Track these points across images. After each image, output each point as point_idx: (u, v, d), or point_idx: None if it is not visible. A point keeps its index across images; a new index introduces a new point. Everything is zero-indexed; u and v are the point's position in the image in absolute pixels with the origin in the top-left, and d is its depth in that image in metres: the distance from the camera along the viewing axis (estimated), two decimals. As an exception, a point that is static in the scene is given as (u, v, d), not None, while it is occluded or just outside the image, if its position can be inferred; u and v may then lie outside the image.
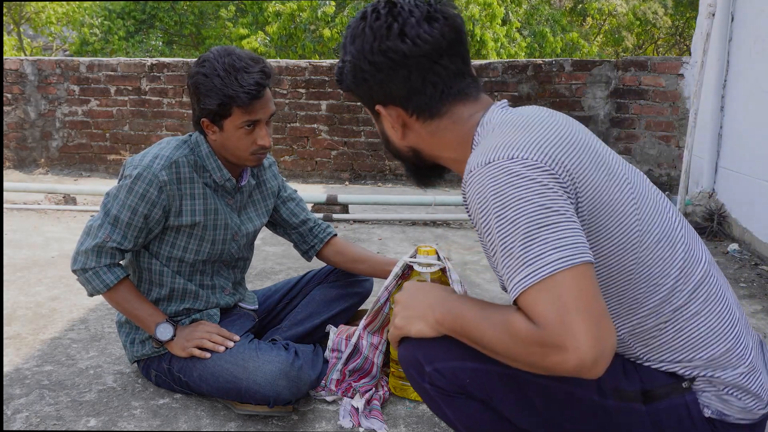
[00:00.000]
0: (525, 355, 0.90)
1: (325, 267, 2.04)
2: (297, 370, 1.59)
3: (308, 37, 12.15)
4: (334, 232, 1.98)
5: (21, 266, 2.98)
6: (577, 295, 0.86)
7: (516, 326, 0.90)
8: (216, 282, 1.80)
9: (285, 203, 1.93)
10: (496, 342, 0.95)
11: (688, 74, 4.96)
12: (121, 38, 14.18)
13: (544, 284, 0.87)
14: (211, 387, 1.63)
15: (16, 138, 6.17)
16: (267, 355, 1.60)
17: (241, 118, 1.60)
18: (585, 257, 0.88)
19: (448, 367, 1.10)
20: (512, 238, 0.90)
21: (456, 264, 3.08)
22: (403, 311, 1.14)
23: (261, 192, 1.87)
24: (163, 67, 5.94)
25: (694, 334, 1.05)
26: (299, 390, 1.60)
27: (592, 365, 0.85)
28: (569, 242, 0.89)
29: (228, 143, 1.66)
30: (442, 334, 1.08)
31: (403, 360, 1.16)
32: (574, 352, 0.84)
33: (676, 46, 16.58)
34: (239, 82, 1.56)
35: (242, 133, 1.63)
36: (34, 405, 1.67)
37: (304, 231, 1.95)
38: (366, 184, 5.80)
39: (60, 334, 2.17)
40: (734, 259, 3.28)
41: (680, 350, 1.06)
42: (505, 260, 0.91)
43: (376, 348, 1.79)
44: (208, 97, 1.58)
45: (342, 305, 1.95)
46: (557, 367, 0.87)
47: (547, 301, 0.87)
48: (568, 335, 0.85)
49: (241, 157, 1.68)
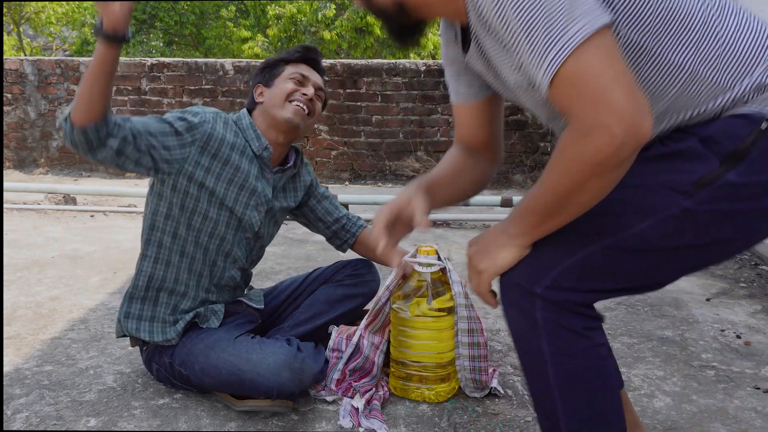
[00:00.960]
0: (584, 157, 0.88)
1: (330, 266, 2.04)
2: (300, 362, 1.59)
3: (308, 39, 12.17)
4: (364, 225, 2.05)
5: (21, 266, 2.98)
6: (601, 64, 0.86)
7: (565, 145, 0.90)
8: (235, 251, 1.79)
9: (320, 202, 2.00)
10: (566, 181, 0.92)
11: (688, 74, 4.96)
12: (121, 38, 14.16)
13: (571, 61, 0.86)
14: (213, 380, 1.64)
15: (16, 138, 6.17)
16: (270, 348, 1.61)
17: (291, 70, 1.79)
18: (603, 18, 0.87)
19: (552, 276, 1.03)
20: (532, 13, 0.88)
21: (456, 264, 3.08)
22: (479, 255, 1.12)
23: (295, 183, 1.93)
24: (163, 67, 5.94)
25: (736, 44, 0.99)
26: (302, 382, 1.60)
27: (639, 125, 0.84)
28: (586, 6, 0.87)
29: (273, 92, 1.77)
30: (527, 249, 1.05)
31: (506, 297, 1.09)
32: (617, 117, 0.84)
33: (676, 46, 16.56)
34: (292, 48, 1.86)
35: (290, 82, 1.77)
36: (34, 405, 1.67)
37: (337, 228, 2.02)
38: (366, 184, 5.79)
39: (60, 334, 2.17)
40: (734, 259, 3.28)
41: (726, 65, 0.99)
42: (530, 43, 0.89)
43: (377, 347, 1.79)
44: (266, 61, 1.85)
45: (345, 307, 1.96)
46: (609, 144, 0.85)
47: (577, 82, 0.86)
48: (605, 105, 0.85)
49: (279, 105, 1.75)
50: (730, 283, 2.89)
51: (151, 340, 1.72)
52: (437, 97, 5.70)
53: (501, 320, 2.36)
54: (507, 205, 4.11)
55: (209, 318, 1.75)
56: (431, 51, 11.80)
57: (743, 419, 1.66)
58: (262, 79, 1.82)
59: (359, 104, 5.81)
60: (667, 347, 2.14)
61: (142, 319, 1.73)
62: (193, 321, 1.74)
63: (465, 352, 1.72)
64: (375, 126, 5.84)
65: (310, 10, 12.04)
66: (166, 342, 1.71)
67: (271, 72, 1.82)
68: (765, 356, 2.07)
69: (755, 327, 2.34)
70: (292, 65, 1.81)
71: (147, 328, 1.72)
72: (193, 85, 5.92)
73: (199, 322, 1.74)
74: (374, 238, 1.23)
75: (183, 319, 1.73)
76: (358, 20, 11.28)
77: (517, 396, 1.77)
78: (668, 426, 1.62)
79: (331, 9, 11.70)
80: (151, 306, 1.73)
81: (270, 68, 1.83)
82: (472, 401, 1.74)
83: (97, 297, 2.56)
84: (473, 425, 1.61)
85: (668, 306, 2.56)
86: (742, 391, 1.82)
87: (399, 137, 5.82)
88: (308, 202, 1.98)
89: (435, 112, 5.73)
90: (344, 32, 11.60)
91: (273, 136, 1.78)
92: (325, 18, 11.68)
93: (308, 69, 1.82)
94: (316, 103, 1.81)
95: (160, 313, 1.73)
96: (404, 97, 5.75)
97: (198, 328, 1.73)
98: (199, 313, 1.74)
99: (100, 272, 2.92)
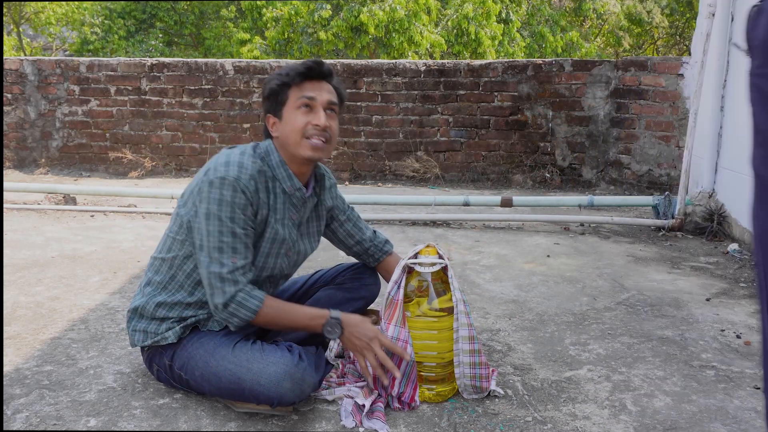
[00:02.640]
0: None
1: (332, 268, 2.04)
2: (301, 372, 1.58)
3: (305, 39, 12.19)
4: (389, 251, 2.00)
5: (21, 266, 2.98)
6: None
7: None
8: (265, 288, 1.79)
9: (342, 225, 1.96)
10: None
11: (688, 74, 4.96)
12: (121, 38, 14.19)
13: None
14: (213, 387, 1.63)
15: (16, 138, 6.16)
16: (271, 357, 1.60)
17: (296, 95, 1.68)
18: None
19: None
20: None
21: (456, 264, 3.08)
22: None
23: (317, 212, 1.88)
24: (163, 67, 5.94)
25: None
26: (303, 392, 1.60)
27: None
28: None
29: (286, 130, 1.69)
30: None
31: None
32: None
33: (676, 46, 16.57)
34: (291, 66, 1.71)
35: (299, 113, 1.67)
36: (34, 405, 1.67)
37: (359, 251, 1.98)
38: (366, 184, 5.79)
39: (60, 334, 2.17)
40: (734, 259, 3.28)
41: None
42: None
43: (406, 342, 1.70)
44: (269, 87, 1.71)
45: (347, 310, 1.94)
46: None
47: None
48: None
49: (296, 144, 1.67)
50: (730, 283, 2.89)
51: (146, 341, 1.72)
52: (437, 97, 5.70)
53: (501, 320, 2.36)
54: (507, 205, 4.11)
55: (210, 322, 1.74)
56: (428, 49, 11.80)
57: (743, 419, 1.66)
58: (271, 109, 1.73)
59: (359, 104, 5.82)
60: (667, 347, 2.13)
61: (148, 332, 1.73)
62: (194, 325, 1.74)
63: (467, 359, 1.71)
64: (375, 126, 5.84)
65: (306, 12, 12.07)
66: (162, 340, 1.70)
67: (276, 100, 1.71)
68: (765, 356, 2.07)
69: (755, 327, 2.33)
70: (295, 88, 1.69)
71: (145, 335, 1.73)
72: (193, 85, 5.92)
73: (200, 326, 1.73)
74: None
75: (184, 323, 1.72)
76: (352, 19, 11.29)
77: (517, 396, 1.77)
78: (668, 426, 1.62)
79: (327, 10, 11.72)
80: (157, 323, 1.73)
81: (275, 95, 1.71)
82: (472, 401, 1.74)
83: (97, 297, 2.56)
84: (473, 425, 1.61)
85: (668, 306, 2.56)
86: (742, 391, 1.82)
87: (399, 137, 5.82)
88: (330, 225, 1.96)
89: (435, 112, 5.73)
90: (340, 32, 11.62)
91: (296, 168, 1.73)
92: (321, 19, 11.70)
93: (313, 86, 1.70)
94: (332, 123, 1.72)
95: (166, 322, 1.72)
96: (404, 97, 5.75)
97: (198, 330, 1.73)
98: (200, 319, 1.73)
99: (100, 272, 2.92)
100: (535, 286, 2.81)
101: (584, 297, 2.66)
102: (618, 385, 1.85)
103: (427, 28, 11.72)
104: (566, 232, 3.91)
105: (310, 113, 1.68)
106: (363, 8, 11.21)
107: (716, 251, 3.45)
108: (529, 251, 3.42)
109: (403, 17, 11.24)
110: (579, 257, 3.31)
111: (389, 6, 11.20)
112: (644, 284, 2.84)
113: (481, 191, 5.38)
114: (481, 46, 11.78)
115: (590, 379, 1.88)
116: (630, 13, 15.17)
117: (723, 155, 3.89)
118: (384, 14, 11.10)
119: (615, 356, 2.05)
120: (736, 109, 3.71)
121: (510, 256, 3.29)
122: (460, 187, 5.54)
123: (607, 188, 5.44)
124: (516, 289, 2.75)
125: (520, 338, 2.19)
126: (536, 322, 2.35)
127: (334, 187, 1.95)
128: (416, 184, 5.74)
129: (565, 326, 2.31)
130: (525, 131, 5.63)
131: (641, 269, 3.09)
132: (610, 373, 1.93)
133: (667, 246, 3.58)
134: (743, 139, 3.59)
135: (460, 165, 5.78)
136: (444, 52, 12.22)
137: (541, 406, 1.72)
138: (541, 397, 1.77)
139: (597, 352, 2.08)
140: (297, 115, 1.68)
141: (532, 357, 2.04)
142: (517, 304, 2.56)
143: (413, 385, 1.69)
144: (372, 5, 11.27)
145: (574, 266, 3.13)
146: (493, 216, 4.06)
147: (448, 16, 12.40)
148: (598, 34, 17.09)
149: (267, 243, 1.71)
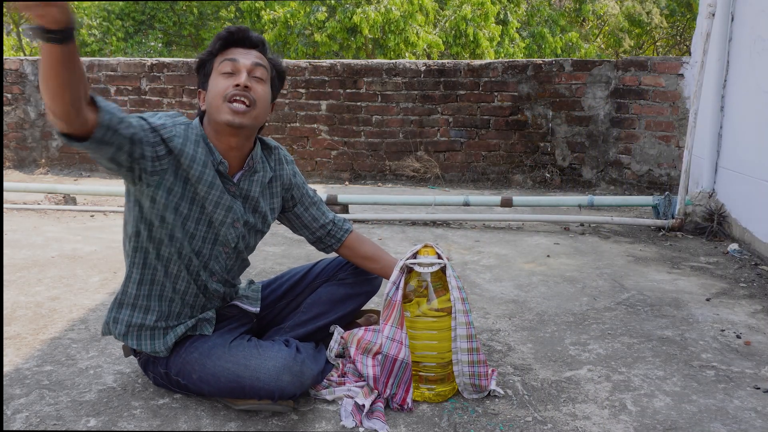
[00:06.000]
0: None
1: (333, 261, 2.00)
2: (300, 365, 1.58)
3: (302, 41, 12.21)
4: (351, 229, 1.95)
5: (21, 266, 2.98)
6: None
7: None
8: (212, 265, 1.72)
9: (308, 209, 1.91)
10: None
11: (688, 74, 4.96)
12: (119, 39, 14.18)
13: None
14: (212, 387, 1.63)
15: (16, 138, 6.16)
16: (268, 352, 1.60)
17: (219, 61, 1.63)
18: None
19: None
20: None
21: (456, 264, 3.08)
22: None
23: (271, 188, 1.81)
24: (163, 67, 5.94)
25: None
26: (302, 384, 1.60)
27: None
28: None
29: (209, 98, 1.62)
30: None
31: None
32: None
33: (676, 47, 16.58)
34: (216, 35, 1.68)
35: (221, 78, 1.61)
36: (34, 405, 1.67)
37: (322, 234, 1.93)
38: (366, 184, 5.79)
39: (60, 334, 2.17)
40: (734, 259, 3.28)
41: None
42: None
43: (401, 343, 1.68)
44: (198, 59, 1.69)
45: (348, 307, 1.93)
46: None
47: None
48: None
49: (217, 109, 1.59)
50: (730, 283, 2.89)
51: (139, 349, 1.68)
52: (437, 97, 5.70)
53: (501, 320, 2.36)
54: (507, 205, 4.11)
55: (202, 327, 1.72)
56: (425, 50, 11.81)
57: (743, 419, 1.66)
58: (200, 83, 1.68)
59: (359, 104, 5.82)
60: (667, 347, 2.13)
61: (132, 326, 1.68)
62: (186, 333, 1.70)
63: (465, 358, 1.71)
64: (375, 126, 5.84)
65: (302, 14, 12.10)
66: (154, 353, 1.68)
67: (204, 72, 1.66)
68: (765, 356, 2.07)
69: (755, 327, 2.34)
70: (220, 56, 1.63)
71: (135, 336, 1.68)
72: (193, 85, 5.92)
73: (190, 333, 1.70)
74: None
75: (174, 332, 1.68)
76: (346, 21, 11.31)
77: (517, 396, 1.77)
78: (668, 426, 1.62)
79: (323, 12, 11.74)
80: (141, 313, 1.68)
81: (203, 68, 1.67)
82: (472, 401, 1.74)
83: (97, 297, 2.56)
84: (473, 425, 1.61)
85: (668, 306, 2.56)
86: (742, 391, 1.82)
87: (399, 137, 5.82)
88: (295, 209, 1.89)
89: (435, 112, 5.73)
90: (335, 34, 11.63)
91: (224, 142, 1.64)
92: (317, 21, 11.72)
93: (238, 51, 1.63)
94: (255, 87, 1.62)
95: (150, 321, 1.67)
96: (404, 97, 5.75)
97: (190, 336, 1.70)
98: (189, 326, 1.70)
99: (100, 272, 2.92)
100: (535, 286, 2.81)
101: (584, 297, 2.66)
102: (618, 385, 1.85)
103: (424, 28, 11.73)
104: (566, 232, 3.91)
105: (232, 77, 1.60)
106: (357, 9, 11.22)
107: (716, 251, 3.45)
108: (529, 251, 3.42)
109: (399, 18, 11.24)
110: (579, 257, 3.31)
111: (384, 7, 11.21)
112: (644, 284, 2.84)
113: (481, 191, 5.38)
114: (480, 47, 11.80)
115: (590, 379, 1.88)
116: (629, 15, 15.18)
117: (723, 155, 3.89)
118: (378, 15, 11.11)
119: (615, 356, 2.05)
120: (736, 109, 3.72)
121: (510, 256, 3.29)
122: (460, 187, 5.54)
123: (607, 188, 5.44)
124: (516, 289, 2.75)
125: (520, 338, 2.19)
126: (536, 322, 2.35)
127: (293, 164, 1.89)
128: (416, 184, 5.74)
129: (565, 326, 2.31)
130: (525, 131, 5.63)
131: (641, 269, 3.09)
132: (610, 373, 1.93)
133: (667, 246, 3.58)
134: (743, 139, 3.60)
135: (460, 165, 5.78)
136: (442, 53, 12.23)
137: (541, 406, 1.72)
138: (541, 397, 1.77)
139: (597, 352, 2.08)
140: (220, 80, 1.61)
141: (532, 357, 2.04)
142: (517, 304, 2.56)
143: (405, 386, 1.68)
144: (366, 6, 11.28)
145: (574, 266, 3.13)
146: (493, 216, 4.06)
147: (446, 18, 12.41)
148: (598, 35, 17.09)
149: (210, 204, 1.63)
